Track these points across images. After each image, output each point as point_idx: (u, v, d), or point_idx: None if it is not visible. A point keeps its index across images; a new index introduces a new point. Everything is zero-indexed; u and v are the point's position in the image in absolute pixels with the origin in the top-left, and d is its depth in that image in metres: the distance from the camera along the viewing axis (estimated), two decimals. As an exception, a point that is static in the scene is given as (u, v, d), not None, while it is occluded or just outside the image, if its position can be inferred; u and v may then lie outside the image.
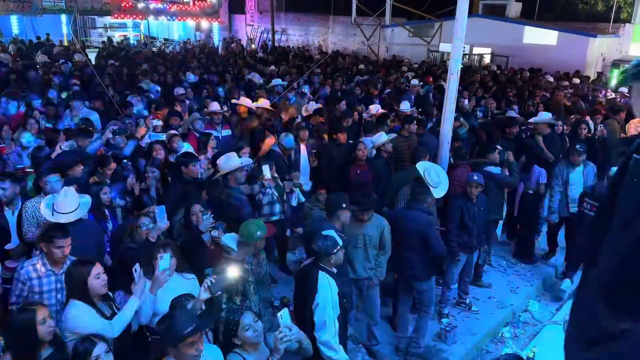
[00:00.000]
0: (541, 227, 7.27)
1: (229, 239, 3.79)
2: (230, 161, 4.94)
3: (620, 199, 1.45)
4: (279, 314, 2.93)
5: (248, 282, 3.62)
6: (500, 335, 5.65)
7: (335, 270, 3.53)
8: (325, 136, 7.58)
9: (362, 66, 16.12)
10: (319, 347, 3.35)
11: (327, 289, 3.39)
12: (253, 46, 24.12)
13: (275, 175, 5.87)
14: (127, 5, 22.14)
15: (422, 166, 4.99)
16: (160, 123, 6.51)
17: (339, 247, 3.49)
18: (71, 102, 7.46)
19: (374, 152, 6.56)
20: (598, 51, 17.52)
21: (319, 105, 8.45)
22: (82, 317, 3.03)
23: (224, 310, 3.03)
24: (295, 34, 26.36)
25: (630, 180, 1.42)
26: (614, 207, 1.45)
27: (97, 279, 3.12)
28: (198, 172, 5.03)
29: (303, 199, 6.11)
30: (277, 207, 5.61)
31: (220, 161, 4.97)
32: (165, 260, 3.24)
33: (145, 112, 7.68)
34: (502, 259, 7.01)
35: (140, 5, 22.54)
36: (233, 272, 3.12)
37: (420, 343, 4.91)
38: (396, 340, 5.10)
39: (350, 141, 7.00)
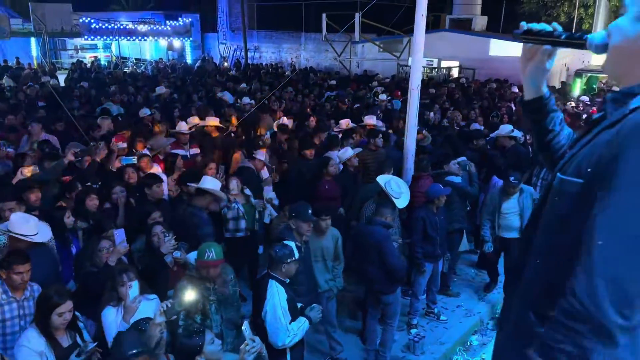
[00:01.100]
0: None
1: (193, 257, 3.82)
2: (211, 184, 4.96)
3: (543, 216, 1.51)
4: (242, 327, 2.99)
5: (209, 301, 3.64)
6: (468, 343, 5.73)
7: (287, 280, 3.59)
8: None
9: (333, 82, 16.34)
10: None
11: (275, 296, 3.45)
12: (226, 64, 24.21)
13: (248, 192, 5.90)
14: (97, 26, 22.08)
15: (383, 179, 5.11)
16: (124, 145, 6.49)
17: (294, 258, 3.56)
18: (30, 126, 7.39)
19: (341, 166, 6.66)
20: (562, 61, 18.06)
21: (284, 121, 8.52)
22: (23, 350, 3.03)
23: (181, 327, 3.04)
24: (268, 51, 26.57)
25: (551, 199, 1.47)
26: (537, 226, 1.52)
27: (60, 317, 3.10)
28: (162, 193, 5.03)
29: (275, 214, 6.15)
30: (243, 223, 5.62)
31: (204, 181, 4.98)
32: (134, 289, 3.26)
33: None
34: (469, 267, 7.13)
35: (111, 26, 22.52)
36: (190, 294, 3.14)
37: (387, 355, 4.95)
38: (365, 353, 5.14)
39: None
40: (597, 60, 19.81)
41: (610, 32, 1.32)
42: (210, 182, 4.98)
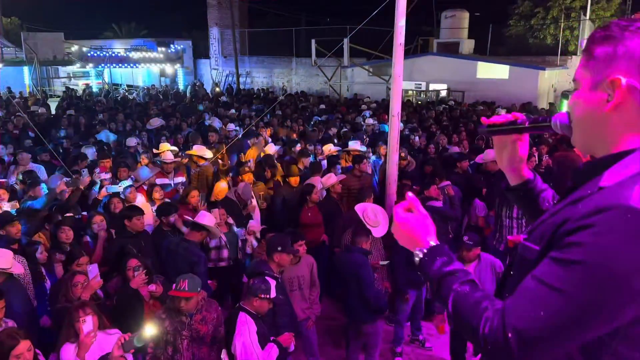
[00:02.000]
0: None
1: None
2: (206, 218, 4.94)
3: (507, 283, 1.48)
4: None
5: (181, 336, 3.60)
6: (454, 370, 5.66)
7: (258, 315, 3.56)
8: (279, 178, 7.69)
9: (322, 106, 16.48)
10: None
11: (244, 328, 3.42)
12: (218, 89, 24.41)
13: (231, 221, 5.90)
14: (90, 54, 22.30)
15: (360, 208, 5.12)
16: (108, 175, 6.50)
17: (268, 295, 3.53)
18: (19, 155, 7.41)
19: (324, 193, 6.67)
20: (549, 83, 18.33)
21: (269, 151, 8.55)
22: None
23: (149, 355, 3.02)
24: (259, 76, 26.83)
25: (516, 265, 1.44)
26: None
27: (18, 358, 3.05)
28: (143, 226, 5.01)
29: (256, 245, 6.13)
30: (225, 253, 5.60)
31: (199, 217, 4.96)
32: (88, 324, 3.23)
33: None
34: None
35: (103, 53, 22.75)
36: (151, 328, 3.09)
37: (370, 385, 4.89)
38: (348, 383, 5.08)
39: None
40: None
41: (570, 109, 1.32)
42: (206, 218, 4.95)
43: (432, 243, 1.42)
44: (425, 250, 1.41)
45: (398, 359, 5.50)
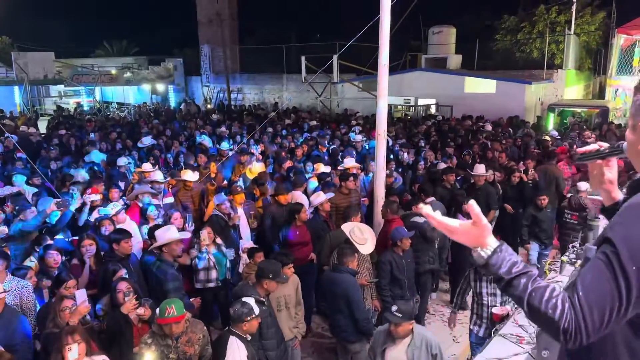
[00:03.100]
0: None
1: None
2: (167, 233, 5.00)
3: None
4: None
5: (168, 358, 3.64)
6: (443, 386, 5.68)
7: (249, 337, 3.60)
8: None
9: (314, 122, 16.62)
10: None
11: (235, 353, 3.46)
12: (209, 106, 24.54)
13: (219, 242, 5.94)
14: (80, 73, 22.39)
15: (347, 227, 5.19)
16: (98, 197, 6.54)
17: (253, 315, 3.58)
18: (13, 178, 7.45)
19: (309, 212, 6.74)
20: (535, 96, 18.58)
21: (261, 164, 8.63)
22: None
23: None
24: (251, 93, 27.01)
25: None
26: None
27: None
28: (131, 249, 5.05)
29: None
30: (214, 274, 5.64)
31: (158, 232, 5.03)
32: (74, 352, 3.26)
33: None
34: (445, 307, 7.16)
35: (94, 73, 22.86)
36: (142, 354, 3.14)
37: (358, 404, 4.92)
38: (336, 402, 5.11)
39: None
40: (569, 94, 20.45)
41: (627, 139, 1.65)
42: (163, 235, 5.01)
43: (494, 244, 1.52)
44: (489, 252, 1.51)
45: (387, 376, 5.52)
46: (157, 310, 3.85)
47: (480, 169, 8.05)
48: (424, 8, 13.80)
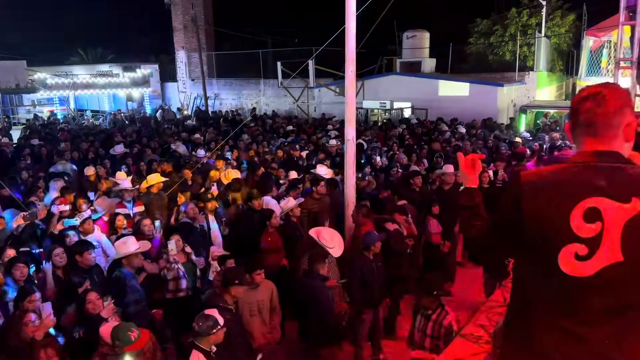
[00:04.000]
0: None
1: None
2: (123, 247, 4.97)
3: None
4: None
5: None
6: (415, 388, 5.75)
7: (213, 349, 3.61)
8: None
9: (290, 127, 16.66)
10: None
11: None
12: (185, 112, 24.39)
13: (188, 250, 5.91)
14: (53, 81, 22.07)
15: (315, 231, 5.24)
16: (67, 207, 6.47)
17: (219, 327, 3.60)
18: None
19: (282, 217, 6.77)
20: (508, 98, 18.92)
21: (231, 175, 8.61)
22: None
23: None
24: (228, 98, 26.92)
25: None
26: None
27: None
28: (94, 260, 5.01)
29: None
30: (184, 283, 5.61)
31: (117, 244, 5.01)
32: None
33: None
34: (417, 309, 7.23)
35: (67, 80, 22.54)
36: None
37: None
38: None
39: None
40: (541, 95, 20.85)
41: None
42: (119, 248, 4.99)
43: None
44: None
45: (359, 379, 5.57)
46: (118, 338, 3.75)
47: (449, 168, 8.18)
48: (398, 13, 13.97)
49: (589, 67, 19.93)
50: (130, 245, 4.99)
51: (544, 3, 21.45)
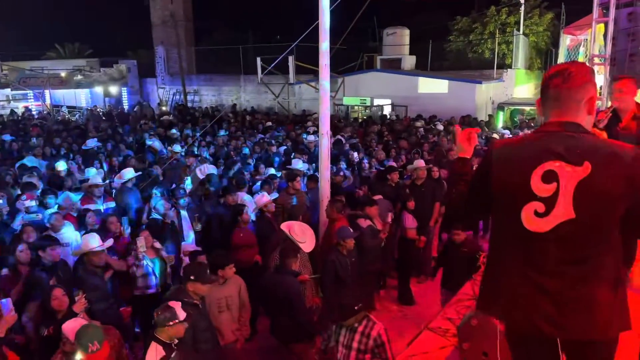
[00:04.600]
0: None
1: None
2: (84, 243, 4.85)
3: None
4: None
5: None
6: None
7: (175, 341, 3.53)
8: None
9: (269, 123, 16.56)
10: None
11: (152, 357, 3.39)
12: (163, 108, 24.09)
13: (158, 246, 5.80)
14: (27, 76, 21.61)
15: (286, 226, 5.18)
16: (32, 203, 6.29)
17: (177, 320, 3.51)
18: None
19: (253, 214, 6.69)
20: (486, 95, 19.07)
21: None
22: None
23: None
24: (208, 94, 26.68)
25: None
26: None
27: None
28: (58, 256, 4.87)
29: None
30: (153, 280, 5.50)
31: (82, 240, 4.88)
32: None
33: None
34: (392, 303, 7.22)
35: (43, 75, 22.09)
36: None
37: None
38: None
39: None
40: (519, 93, 21.07)
41: None
42: (82, 243, 4.87)
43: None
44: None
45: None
46: (80, 342, 3.61)
47: (420, 163, 8.16)
48: (379, 9, 13.97)
49: (566, 65, 20.18)
50: (91, 241, 4.86)
51: (523, 2, 21.67)
